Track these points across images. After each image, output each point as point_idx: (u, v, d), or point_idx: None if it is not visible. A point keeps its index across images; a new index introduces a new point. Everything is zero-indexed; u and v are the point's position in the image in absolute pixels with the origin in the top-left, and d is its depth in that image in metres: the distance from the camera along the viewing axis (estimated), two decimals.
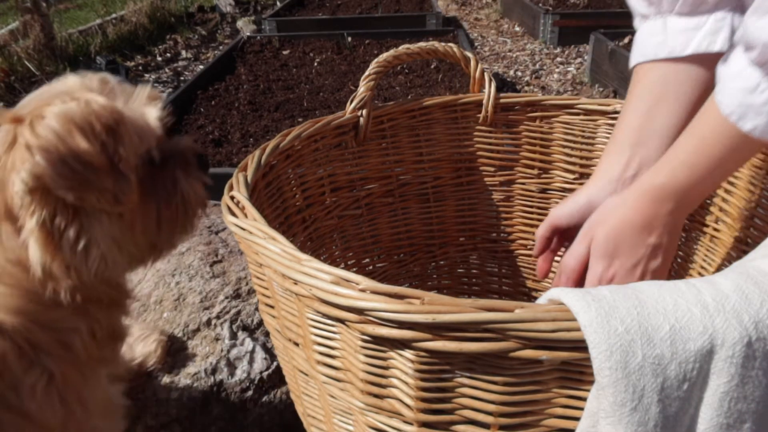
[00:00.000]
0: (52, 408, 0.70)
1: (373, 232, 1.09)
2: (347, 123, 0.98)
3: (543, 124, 1.07)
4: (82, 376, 0.72)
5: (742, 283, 0.47)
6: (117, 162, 0.67)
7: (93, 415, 0.75)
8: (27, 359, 0.68)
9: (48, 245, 0.66)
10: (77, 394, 0.72)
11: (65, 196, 0.64)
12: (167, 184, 0.74)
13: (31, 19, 3.07)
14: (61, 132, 0.64)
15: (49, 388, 0.69)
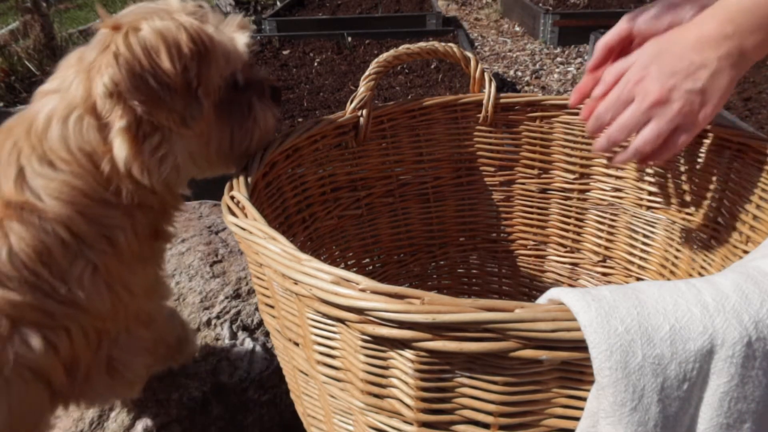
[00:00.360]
0: (100, 296, 0.74)
1: (373, 232, 1.09)
2: (347, 123, 0.98)
3: (543, 124, 1.07)
4: (125, 267, 0.77)
5: (742, 283, 0.47)
6: (195, 87, 0.71)
7: (138, 297, 0.80)
8: (71, 252, 0.72)
9: (132, 147, 0.71)
10: (122, 282, 0.76)
11: (136, 108, 0.69)
12: (243, 108, 0.79)
13: (31, 19, 3.07)
14: (148, 47, 0.68)
15: (94, 277, 0.73)
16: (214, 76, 0.73)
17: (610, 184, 1.05)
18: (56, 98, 0.73)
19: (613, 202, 1.06)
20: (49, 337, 0.70)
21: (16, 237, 0.69)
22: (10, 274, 0.68)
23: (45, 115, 0.73)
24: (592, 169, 1.06)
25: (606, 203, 1.07)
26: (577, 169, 1.07)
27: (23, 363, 0.69)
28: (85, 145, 0.72)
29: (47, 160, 0.72)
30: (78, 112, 0.72)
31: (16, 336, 0.68)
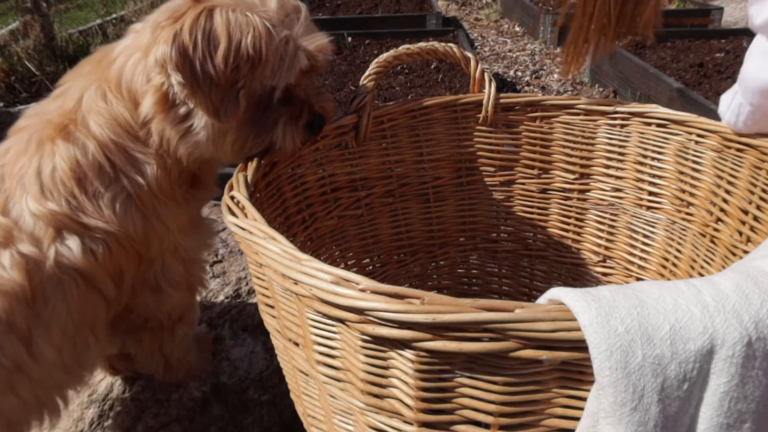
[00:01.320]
0: (132, 219, 0.81)
1: (373, 233, 1.09)
2: (347, 123, 0.98)
3: (543, 124, 1.07)
4: (159, 202, 0.83)
5: (742, 283, 0.47)
6: (238, 88, 0.75)
7: (174, 232, 0.87)
8: (107, 177, 0.80)
9: (159, 105, 0.77)
10: (155, 212, 0.83)
11: (176, 88, 0.75)
12: (268, 121, 0.82)
13: (31, 19, 3.06)
14: (211, 38, 0.73)
15: (127, 203, 0.80)
16: (258, 83, 0.77)
17: (610, 184, 1.05)
18: (134, 37, 0.82)
19: (613, 202, 1.06)
20: (87, 243, 0.78)
21: (59, 156, 0.78)
22: (51, 189, 0.77)
23: (119, 50, 0.82)
24: (592, 169, 1.06)
25: (606, 203, 1.07)
26: (577, 169, 1.07)
27: (67, 264, 0.77)
28: (132, 84, 0.79)
29: (101, 88, 0.80)
30: (138, 55, 0.79)
31: (57, 239, 0.77)
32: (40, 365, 0.77)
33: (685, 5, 3.84)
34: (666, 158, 0.98)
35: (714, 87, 2.49)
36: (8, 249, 0.74)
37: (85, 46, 3.40)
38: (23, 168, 0.78)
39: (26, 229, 0.76)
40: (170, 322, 0.96)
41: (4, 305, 0.72)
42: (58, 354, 0.79)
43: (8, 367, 0.74)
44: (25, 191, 0.77)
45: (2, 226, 0.75)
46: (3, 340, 0.73)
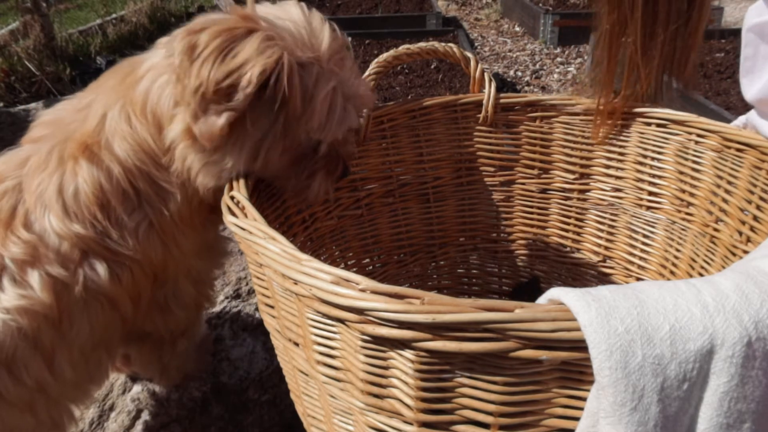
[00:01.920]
0: (153, 248, 0.80)
1: (373, 233, 1.09)
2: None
3: (543, 124, 1.07)
4: (178, 229, 0.82)
5: (742, 283, 0.47)
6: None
7: (189, 256, 0.87)
8: (131, 204, 0.78)
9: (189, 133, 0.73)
10: (174, 240, 0.82)
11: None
12: (306, 169, 0.81)
13: (31, 19, 3.06)
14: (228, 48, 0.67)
15: (149, 231, 0.79)
16: (302, 131, 0.75)
17: (610, 184, 1.05)
18: (162, 56, 0.77)
19: (613, 202, 1.06)
20: (114, 268, 0.78)
21: (82, 178, 0.76)
22: (75, 210, 0.75)
23: (145, 68, 0.77)
24: (592, 169, 1.06)
25: (606, 203, 1.07)
26: (577, 169, 1.07)
27: (93, 288, 0.76)
28: (158, 109, 0.76)
29: (126, 110, 0.77)
30: (168, 76, 0.75)
31: (85, 263, 0.76)
32: (58, 384, 0.77)
33: None
34: (666, 158, 0.98)
35: (714, 87, 2.49)
36: (36, 269, 0.73)
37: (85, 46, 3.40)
38: (43, 183, 0.75)
39: (52, 247, 0.74)
40: (173, 337, 0.96)
41: (32, 325, 0.72)
42: (74, 372, 0.79)
43: (31, 386, 0.74)
44: (47, 208, 0.75)
45: (28, 242, 0.73)
46: (29, 360, 0.73)
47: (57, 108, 0.83)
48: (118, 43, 3.76)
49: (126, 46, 3.78)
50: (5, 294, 0.71)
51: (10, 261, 0.72)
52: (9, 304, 0.71)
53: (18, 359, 0.72)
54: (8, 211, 0.74)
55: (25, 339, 0.72)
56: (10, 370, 0.72)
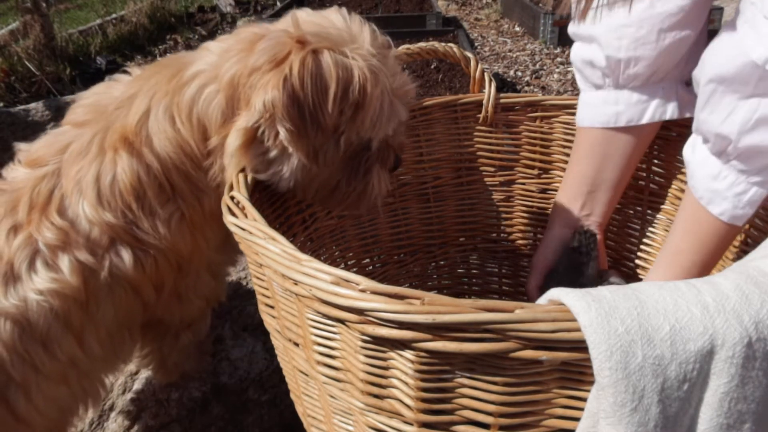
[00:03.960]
0: (183, 238, 0.83)
1: (373, 233, 1.09)
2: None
3: (543, 124, 1.07)
4: (206, 222, 0.85)
5: (743, 284, 0.47)
6: (340, 132, 0.75)
7: (211, 249, 0.89)
8: (165, 196, 0.81)
9: (244, 146, 0.76)
10: (202, 233, 0.86)
11: (281, 131, 0.73)
12: (360, 167, 0.82)
13: (31, 19, 3.06)
14: (321, 82, 0.70)
15: (181, 223, 0.82)
16: (354, 131, 0.76)
17: None
18: (211, 63, 0.79)
19: None
20: (138, 256, 0.81)
21: (121, 168, 0.78)
22: (109, 199, 0.78)
23: (192, 72, 0.80)
24: None
25: None
26: None
27: (119, 274, 0.80)
28: (205, 117, 0.78)
29: (170, 112, 0.79)
30: (216, 87, 0.77)
31: (112, 249, 0.79)
32: (88, 359, 0.82)
33: None
34: (666, 158, 0.98)
35: None
36: (67, 254, 0.77)
37: (85, 46, 3.40)
38: (82, 171, 0.79)
39: (83, 233, 0.78)
40: (178, 328, 0.98)
41: (63, 307, 0.77)
42: (102, 349, 0.84)
43: (64, 361, 0.79)
44: (82, 195, 0.78)
45: (60, 228, 0.77)
46: (61, 338, 0.78)
47: (98, 92, 0.86)
48: (118, 43, 3.76)
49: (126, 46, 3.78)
50: (38, 277, 0.76)
51: (43, 245, 0.76)
52: (42, 287, 0.75)
53: (52, 337, 0.77)
54: (46, 195, 0.78)
55: (57, 319, 0.77)
56: (45, 347, 0.77)
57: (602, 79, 0.92)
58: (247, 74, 0.74)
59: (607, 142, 0.94)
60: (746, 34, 0.66)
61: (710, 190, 0.75)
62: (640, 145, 0.95)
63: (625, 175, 0.98)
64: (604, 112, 0.93)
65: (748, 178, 0.72)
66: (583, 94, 0.97)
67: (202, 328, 1.07)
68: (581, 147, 0.98)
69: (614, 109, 0.92)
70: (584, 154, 0.97)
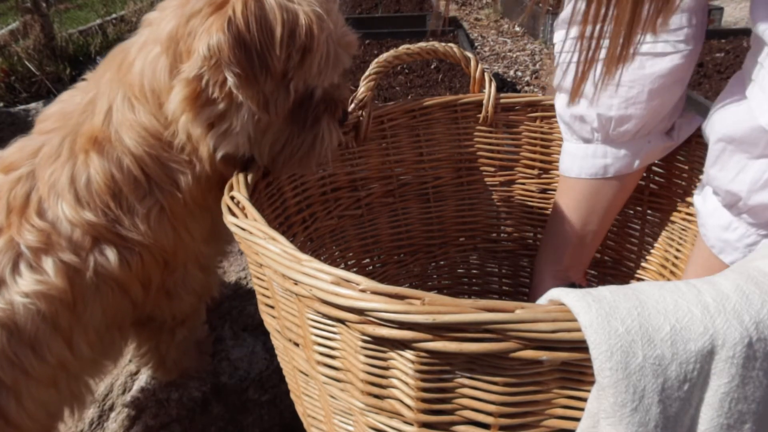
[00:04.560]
0: (165, 233, 0.81)
1: (373, 233, 1.09)
2: (347, 123, 0.98)
3: (543, 124, 1.07)
4: (188, 212, 0.83)
5: (743, 284, 0.47)
6: (289, 78, 0.72)
7: (197, 241, 0.87)
8: (142, 191, 0.79)
9: (189, 100, 0.72)
10: (184, 225, 0.84)
11: (229, 77, 0.69)
12: (308, 119, 0.80)
13: (31, 19, 3.06)
14: (266, 24, 0.67)
15: (161, 216, 0.80)
16: (301, 80, 0.74)
17: None
18: (149, 30, 0.77)
19: None
20: (123, 254, 0.80)
21: (93, 169, 0.77)
22: (86, 199, 0.77)
23: (137, 47, 0.77)
24: None
25: None
26: None
27: (104, 273, 0.79)
28: (155, 84, 0.75)
29: (127, 97, 0.78)
30: (157, 49, 0.74)
31: (96, 249, 0.78)
32: (78, 361, 0.81)
33: None
34: (666, 158, 0.98)
35: (714, 87, 2.49)
36: (50, 256, 0.76)
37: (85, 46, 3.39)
38: (55, 173, 0.77)
39: (64, 234, 0.77)
40: (172, 324, 0.98)
41: (51, 309, 0.76)
42: (91, 350, 0.83)
43: (53, 364, 0.78)
44: (59, 197, 0.77)
45: (41, 229, 0.76)
46: (50, 340, 0.77)
47: (62, 101, 0.85)
48: (118, 43, 3.75)
49: None
50: (23, 279, 0.75)
51: (25, 248, 0.75)
52: (28, 289, 0.74)
53: (41, 339, 0.76)
54: (22, 198, 0.77)
55: (44, 321, 0.76)
56: (35, 350, 0.76)
57: (591, 133, 0.93)
58: (185, 23, 0.70)
59: (595, 193, 0.96)
60: (754, 96, 0.67)
61: (721, 240, 0.76)
62: (627, 190, 0.98)
63: (610, 221, 1.01)
64: (592, 164, 0.95)
65: (758, 230, 0.73)
66: (568, 144, 0.98)
67: (196, 324, 1.06)
68: (568, 198, 1.00)
69: (602, 162, 0.94)
70: (572, 206, 0.99)
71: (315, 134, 0.80)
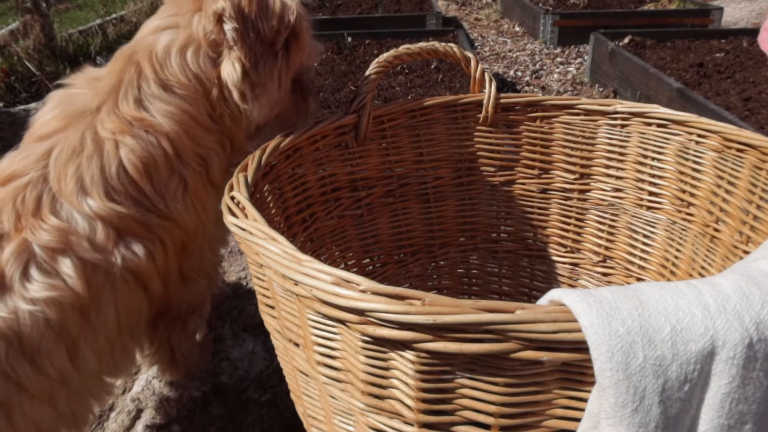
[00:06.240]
0: (189, 212, 0.84)
1: (373, 233, 1.09)
2: (347, 123, 0.98)
3: (543, 124, 1.07)
4: (205, 190, 0.87)
5: (743, 284, 0.47)
6: (276, 48, 0.86)
7: (211, 223, 0.90)
8: (170, 166, 0.82)
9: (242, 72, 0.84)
10: (203, 204, 0.87)
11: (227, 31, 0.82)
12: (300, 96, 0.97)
13: (31, 19, 3.06)
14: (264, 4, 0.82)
15: (185, 194, 0.83)
16: (297, 58, 0.89)
17: (610, 184, 1.05)
18: (173, 33, 0.85)
19: (614, 202, 1.06)
20: (149, 247, 0.79)
21: (126, 149, 0.78)
22: (117, 188, 0.77)
23: (164, 46, 0.84)
24: (592, 169, 1.06)
25: (606, 203, 1.07)
26: (577, 169, 1.07)
27: (128, 268, 0.78)
28: (201, 73, 0.84)
29: (166, 85, 0.83)
30: (196, 44, 0.84)
31: (121, 244, 0.77)
32: (81, 375, 0.76)
33: (685, 5, 3.84)
34: (666, 158, 0.98)
35: (714, 87, 2.49)
36: (68, 256, 0.73)
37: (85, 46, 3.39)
38: (82, 167, 0.77)
39: (82, 232, 0.75)
40: (187, 313, 0.98)
41: (60, 316, 0.71)
42: (99, 362, 0.78)
43: (54, 377, 0.73)
44: (84, 193, 0.76)
45: (59, 228, 0.73)
46: (52, 351, 0.71)
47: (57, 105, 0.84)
48: (118, 43, 3.74)
49: None
50: (32, 285, 0.70)
51: (39, 248, 0.72)
52: (36, 295, 0.70)
53: (42, 350, 0.71)
54: (34, 201, 0.74)
55: (49, 329, 0.71)
56: (33, 362, 0.70)
57: None
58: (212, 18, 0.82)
59: None
60: None
61: None
62: None
63: None
64: None
65: None
66: None
67: (205, 313, 1.06)
68: None
69: None
70: None
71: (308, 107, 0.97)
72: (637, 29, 3.28)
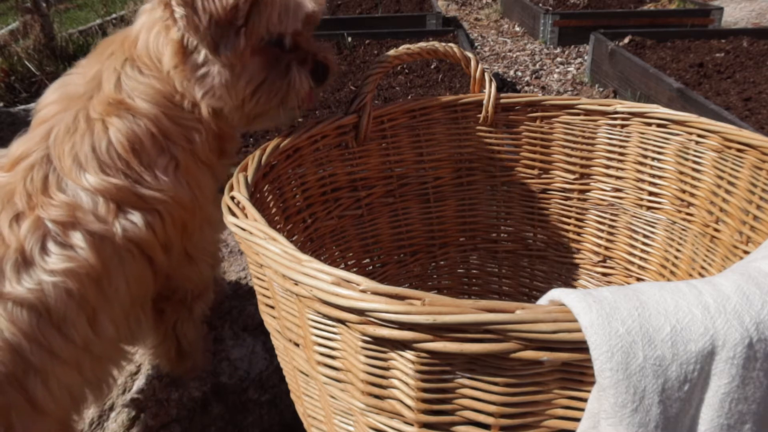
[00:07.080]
0: (182, 187, 0.85)
1: (373, 233, 1.09)
2: (348, 123, 0.98)
3: (543, 124, 1.07)
4: (198, 168, 0.88)
5: (743, 284, 0.47)
6: (238, 25, 0.81)
7: (208, 201, 0.91)
8: (159, 145, 0.84)
9: (177, 56, 0.83)
10: (196, 181, 0.88)
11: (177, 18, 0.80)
12: (281, 67, 0.88)
13: (31, 19, 3.06)
14: None
15: (177, 171, 0.85)
16: (262, 26, 0.82)
17: (610, 184, 1.05)
18: (147, 15, 0.87)
19: (613, 202, 1.06)
20: (147, 217, 0.82)
21: (114, 129, 0.81)
22: (108, 163, 0.80)
23: (138, 26, 0.87)
24: (592, 169, 1.06)
25: (606, 203, 1.07)
26: (577, 169, 1.07)
27: (130, 238, 0.81)
28: (158, 53, 0.85)
29: (136, 66, 0.85)
30: (158, 25, 0.84)
31: (121, 215, 0.80)
32: (102, 342, 0.81)
33: (685, 5, 3.84)
34: (666, 158, 0.98)
35: (714, 87, 2.49)
36: (77, 229, 0.77)
37: (85, 46, 3.39)
38: (76, 146, 0.80)
39: (88, 205, 0.78)
40: (192, 297, 0.99)
41: (78, 286, 0.76)
42: (116, 330, 0.83)
43: (79, 345, 0.77)
44: (81, 168, 0.79)
45: (67, 203, 0.77)
46: (75, 319, 0.76)
47: (57, 88, 0.88)
48: None
49: None
50: (51, 258, 0.75)
51: (51, 223, 0.76)
52: (57, 267, 0.75)
53: (68, 319, 0.75)
54: (41, 180, 0.79)
55: (72, 299, 0.75)
56: (60, 330, 0.75)
57: None
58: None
59: None
60: None
61: None
62: None
63: None
64: None
65: None
66: None
67: (209, 298, 1.07)
68: None
69: None
70: None
71: (288, 81, 0.88)
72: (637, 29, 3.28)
